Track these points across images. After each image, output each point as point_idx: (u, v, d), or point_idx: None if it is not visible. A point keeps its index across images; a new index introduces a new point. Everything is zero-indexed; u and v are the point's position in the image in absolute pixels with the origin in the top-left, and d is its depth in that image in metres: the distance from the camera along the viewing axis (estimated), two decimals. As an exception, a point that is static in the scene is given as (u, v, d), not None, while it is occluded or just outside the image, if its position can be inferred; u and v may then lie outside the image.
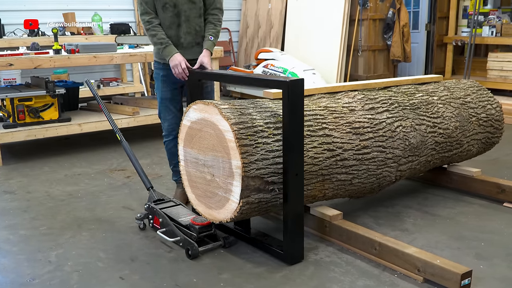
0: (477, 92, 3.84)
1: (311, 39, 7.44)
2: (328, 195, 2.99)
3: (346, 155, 2.94)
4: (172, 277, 2.63)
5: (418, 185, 3.98)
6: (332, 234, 2.98)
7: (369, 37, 7.34)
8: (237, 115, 2.60)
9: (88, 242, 3.08)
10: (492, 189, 3.61)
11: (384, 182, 3.20)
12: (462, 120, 3.59)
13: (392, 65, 7.68)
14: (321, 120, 2.92)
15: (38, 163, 4.70)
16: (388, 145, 3.12)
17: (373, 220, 3.33)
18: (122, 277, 2.65)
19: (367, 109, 3.13)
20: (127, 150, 3.47)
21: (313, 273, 2.65)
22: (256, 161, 2.55)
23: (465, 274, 2.38)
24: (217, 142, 2.65)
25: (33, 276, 2.67)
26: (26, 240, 3.12)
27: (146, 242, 3.05)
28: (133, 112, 5.39)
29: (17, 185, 4.19)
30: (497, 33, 7.37)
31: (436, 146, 3.43)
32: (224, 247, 2.94)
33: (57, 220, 3.42)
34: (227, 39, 8.68)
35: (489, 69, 7.28)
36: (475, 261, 2.75)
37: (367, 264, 2.73)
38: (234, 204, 2.61)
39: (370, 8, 7.24)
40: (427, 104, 3.46)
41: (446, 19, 8.15)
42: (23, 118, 4.81)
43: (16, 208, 3.67)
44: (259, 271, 2.69)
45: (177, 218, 3.04)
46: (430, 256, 2.54)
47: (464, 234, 3.09)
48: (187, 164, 2.94)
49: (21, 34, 6.60)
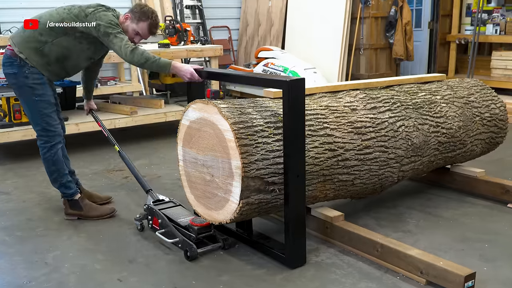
0: (481, 91, 3.82)
1: (312, 37, 7.42)
2: (329, 196, 2.97)
3: (347, 155, 2.91)
4: (171, 279, 2.62)
5: (421, 186, 3.96)
6: (334, 235, 2.96)
7: (371, 36, 7.31)
8: (236, 114, 2.58)
9: (85, 244, 3.06)
10: (496, 189, 3.59)
11: (386, 182, 3.18)
12: (466, 120, 3.57)
13: (394, 63, 7.67)
14: (322, 119, 2.90)
15: (34, 164, 4.66)
16: (391, 145, 3.10)
17: (375, 221, 3.31)
18: (120, 279, 2.63)
19: (369, 109, 3.11)
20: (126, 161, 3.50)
21: (314, 275, 2.63)
22: (256, 161, 2.53)
23: (468, 276, 2.36)
24: (217, 142, 2.63)
25: (29, 278, 2.65)
26: (22, 242, 3.11)
27: (145, 244, 3.03)
28: (131, 112, 5.35)
29: (13, 185, 4.17)
30: (501, 31, 7.34)
31: (439, 146, 3.41)
32: (224, 248, 2.92)
33: (54, 222, 3.41)
34: (227, 37, 8.65)
35: (493, 68, 7.25)
36: (479, 263, 2.73)
37: (369, 266, 2.71)
38: (234, 205, 2.59)
39: (372, 6, 7.22)
40: (430, 103, 3.44)
41: (449, 17, 8.11)
42: (19, 118, 4.78)
43: (12, 209, 3.65)
44: (259, 273, 2.67)
45: (176, 219, 3.02)
46: (433, 258, 2.53)
47: (467, 236, 3.07)
48: (186, 164, 2.92)
49: (18, 32, 6.56)
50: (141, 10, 3.27)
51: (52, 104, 3.28)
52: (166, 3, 7.62)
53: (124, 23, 3.27)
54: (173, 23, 6.02)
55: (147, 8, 3.30)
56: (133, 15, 3.27)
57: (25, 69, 3.16)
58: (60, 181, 3.35)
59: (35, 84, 3.19)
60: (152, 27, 3.30)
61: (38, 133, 3.29)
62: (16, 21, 6.48)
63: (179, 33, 5.97)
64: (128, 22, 3.28)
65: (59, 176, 3.34)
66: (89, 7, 3.21)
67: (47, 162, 3.31)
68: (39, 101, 3.21)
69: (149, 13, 3.27)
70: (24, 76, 3.17)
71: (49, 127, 3.26)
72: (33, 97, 3.20)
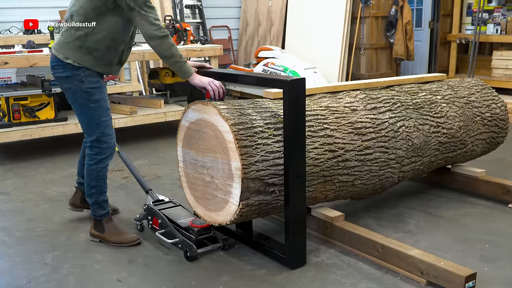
0: (482, 91, 3.80)
1: (312, 37, 7.41)
2: (329, 197, 2.96)
3: (348, 156, 2.90)
4: (170, 280, 2.61)
5: (421, 186, 3.95)
6: (334, 236, 2.95)
7: (372, 35, 7.29)
8: (236, 115, 2.57)
9: (85, 244, 3.05)
10: (497, 190, 3.58)
11: (387, 183, 3.17)
12: (466, 120, 3.56)
13: (394, 63, 7.64)
14: (323, 120, 2.89)
15: (33, 164, 4.67)
16: (391, 146, 3.09)
17: (375, 221, 3.30)
18: (120, 279, 2.62)
19: (369, 109, 3.10)
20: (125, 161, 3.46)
21: (314, 276, 2.62)
22: (256, 162, 2.52)
23: (469, 277, 2.36)
24: (216, 143, 2.62)
25: (29, 279, 2.64)
26: (21, 242, 3.10)
27: (144, 244, 3.02)
28: (130, 112, 5.34)
29: (12, 186, 4.16)
30: (502, 31, 7.31)
31: (439, 146, 3.39)
32: (224, 249, 2.91)
33: (53, 222, 3.40)
34: (227, 37, 8.64)
35: (493, 68, 7.24)
36: (480, 263, 2.72)
37: (369, 267, 2.70)
38: (233, 206, 2.58)
39: (372, 5, 7.20)
40: (431, 103, 3.42)
41: (450, 17, 8.09)
42: (19, 118, 4.77)
43: (12, 209, 3.65)
44: (259, 273, 2.67)
45: (176, 220, 3.01)
46: (434, 258, 2.52)
47: (468, 236, 3.06)
48: (185, 165, 2.91)
49: (17, 32, 6.54)
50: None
51: (108, 111, 2.94)
52: (165, 2, 7.61)
53: None
54: (172, 23, 6.00)
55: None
56: None
57: (80, 72, 2.81)
58: (96, 198, 3.03)
59: (91, 89, 2.84)
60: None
61: (91, 143, 2.94)
62: (15, 20, 6.48)
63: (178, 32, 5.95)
64: None
65: (96, 193, 3.02)
66: None
67: (90, 175, 2.99)
68: (96, 107, 2.86)
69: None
70: (79, 80, 2.82)
71: (104, 137, 2.92)
72: (89, 103, 2.85)
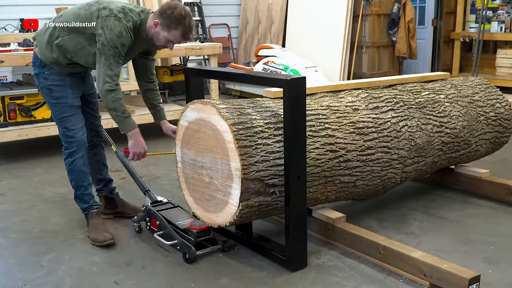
0: (486, 90, 3.78)
1: (313, 35, 7.39)
2: (331, 198, 2.94)
3: (349, 156, 2.88)
4: (169, 282, 2.60)
5: (424, 187, 3.94)
6: (335, 237, 2.93)
7: (374, 33, 7.27)
8: (236, 115, 2.54)
9: (81, 246, 3.03)
10: (501, 190, 3.56)
11: (389, 184, 3.14)
12: (470, 119, 3.53)
13: (397, 62, 7.63)
14: (324, 120, 2.86)
15: (30, 164, 4.65)
16: (393, 146, 3.06)
17: (377, 223, 3.28)
18: (117, 282, 2.61)
19: (371, 108, 3.08)
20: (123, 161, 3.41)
21: (315, 278, 2.60)
22: (256, 162, 2.50)
23: (473, 279, 2.34)
24: (216, 143, 2.59)
25: (24, 281, 2.63)
26: (17, 244, 3.09)
27: (142, 246, 3.00)
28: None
29: (8, 186, 4.14)
30: (506, 29, 7.32)
31: (443, 146, 3.37)
32: (223, 251, 2.89)
33: (50, 223, 3.38)
34: (226, 35, 8.61)
35: (497, 66, 7.24)
36: (484, 265, 2.71)
37: (371, 269, 2.69)
38: (233, 207, 2.56)
39: (374, 3, 7.18)
40: (434, 102, 3.40)
41: (453, 14, 8.09)
42: (15, 117, 4.75)
43: (7, 210, 3.63)
44: (259, 275, 2.65)
45: (175, 221, 2.98)
46: (437, 260, 2.51)
47: (472, 238, 3.05)
48: (184, 165, 2.88)
49: (13, 30, 6.51)
50: (172, 15, 2.83)
51: (72, 107, 3.04)
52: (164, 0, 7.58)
53: (153, 30, 2.90)
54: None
55: (177, 11, 2.84)
56: (164, 21, 2.84)
57: (45, 70, 3.00)
58: (75, 192, 3.13)
59: (53, 86, 3.00)
60: (185, 33, 2.88)
61: (61, 138, 3.10)
62: (10, 18, 6.45)
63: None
64: (158, 29, 2.87)
65: (75, 186, 3.11)
66: (105, 8, 2.84)
67: (66, 169, 3.11)
68: (57, 103, 3.02)
69: (181, 19, 2.84)
70: (44, 77, 3.01)
71: (68, 132, 3.04)
72: (51, 99, 3.03)
